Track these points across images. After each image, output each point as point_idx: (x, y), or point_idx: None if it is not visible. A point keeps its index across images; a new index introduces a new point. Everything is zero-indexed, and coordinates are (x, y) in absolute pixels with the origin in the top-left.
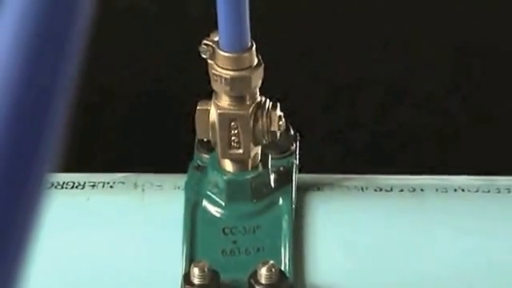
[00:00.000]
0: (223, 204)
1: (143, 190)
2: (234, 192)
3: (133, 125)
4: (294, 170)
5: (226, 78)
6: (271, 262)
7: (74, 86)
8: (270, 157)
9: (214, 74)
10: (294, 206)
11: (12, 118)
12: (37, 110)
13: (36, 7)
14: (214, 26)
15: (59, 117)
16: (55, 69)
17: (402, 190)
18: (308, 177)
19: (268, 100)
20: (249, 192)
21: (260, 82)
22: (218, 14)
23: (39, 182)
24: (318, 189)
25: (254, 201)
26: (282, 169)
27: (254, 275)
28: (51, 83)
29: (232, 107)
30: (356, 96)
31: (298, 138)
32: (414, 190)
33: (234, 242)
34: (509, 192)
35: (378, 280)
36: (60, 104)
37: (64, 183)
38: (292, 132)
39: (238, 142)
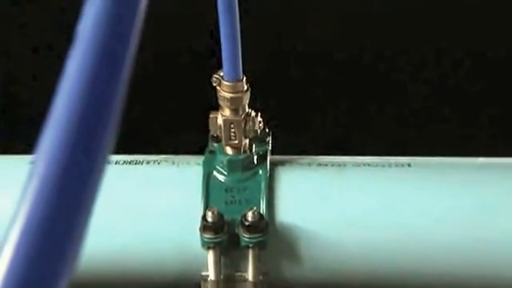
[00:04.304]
0: (226, 174)
1: (178, 165)
2: (232, 166)
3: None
4: (268, 153)
5: (227, 98)
6: (254, 208)
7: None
8: (253, 145)
9: (220, 95)
10: (268, 174)
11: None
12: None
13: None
14: None
15: (116, 118)
16: (115, 77)
17: (333, 165)
18: (277, 157)
19: (253, 111)
20: (241, 166)
21: (248, 100)
22: (222, 60)
23: (103, 159)
24: (283, 164)
25: (244, 172)
26: (261, 152)
27: (244, 216)
28: (111, 94)
29: (231, 115)
30: None
31: (270, 133)
32: (340, 165)
33: (232, 197)
34: (396, 166)
35: (322, 216)
36: (117, 105)
37: (132, 161)
38: (267, 130)
39: (235, 136)
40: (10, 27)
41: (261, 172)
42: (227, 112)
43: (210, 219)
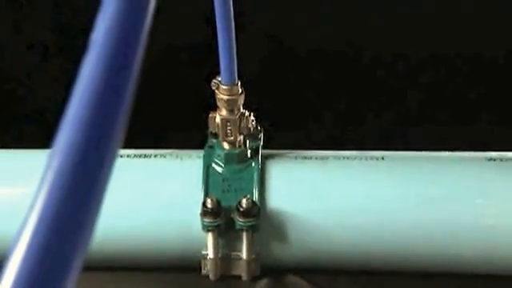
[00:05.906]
0: (223, 166)
1: (181, 159)
2: (228, 159)
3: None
4: (260, 147)
5: (224, 100)
6: (248, 195)
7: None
8: (247, 141)
9: (218, 97)
10: (259, 166)
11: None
12: (111, 113)
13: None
14: None
15: (125, 114)
16: (123, 84)
17: (316, 158)
18: (268, 151)
19: (246, 111)
20: (236, 159)
21: (242, 102)
22: (220, 66)
23: (112, 153)
24: (273, 157)
25: (239, 164)
26: (253, 147)
27: (239, 203)
28: (120, 94)
29: (228, 115)
30: None
31: (262, 130)
32: (323, 158)
33: (229, 186)
34: (371, 159)
35: (308, 202)
36: (126, 104)
37: (141, 155)
38: (259, 127)
39: (231, 133)
40: (5, 24)
41: (254, 164)
42: (224, 112)
43: (209, 205)
